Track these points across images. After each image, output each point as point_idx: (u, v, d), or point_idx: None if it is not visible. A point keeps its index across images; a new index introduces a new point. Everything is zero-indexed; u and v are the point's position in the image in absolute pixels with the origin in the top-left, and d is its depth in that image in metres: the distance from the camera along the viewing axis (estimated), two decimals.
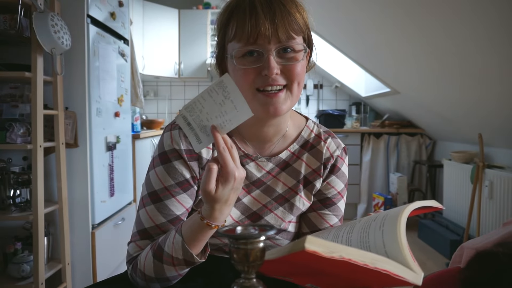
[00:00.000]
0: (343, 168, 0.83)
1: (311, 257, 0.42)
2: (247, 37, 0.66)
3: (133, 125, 2.83)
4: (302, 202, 0.81)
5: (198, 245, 0.67)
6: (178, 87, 4.53)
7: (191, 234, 0.66)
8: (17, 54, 1.84)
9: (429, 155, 3.89)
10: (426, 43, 2.20)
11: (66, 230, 1.84)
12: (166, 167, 0.74)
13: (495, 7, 1.53)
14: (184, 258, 0.66)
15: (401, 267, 0.47)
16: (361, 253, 0.44)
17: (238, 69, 0.68)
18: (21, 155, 1.89)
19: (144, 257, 0.71)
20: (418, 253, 2.88)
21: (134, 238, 0.75)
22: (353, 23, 2.68)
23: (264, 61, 0.67)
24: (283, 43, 0.67)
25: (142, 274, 0.71)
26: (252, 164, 0.79)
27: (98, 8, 2.02)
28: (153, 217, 0.73)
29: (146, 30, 3.84)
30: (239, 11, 0.67)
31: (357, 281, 0.53)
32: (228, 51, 0.71)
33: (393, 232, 0.52)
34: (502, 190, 2.40)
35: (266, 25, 0.65)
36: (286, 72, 0.69)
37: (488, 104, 2.34)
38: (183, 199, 0.74)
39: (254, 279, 0.47)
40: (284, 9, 0.67)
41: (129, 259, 0.75)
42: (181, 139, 0.75)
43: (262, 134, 0.78)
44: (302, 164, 0.81)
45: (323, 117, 3.96)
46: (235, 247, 0.46)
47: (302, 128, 0.83)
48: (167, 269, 0.68)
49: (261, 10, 0.66)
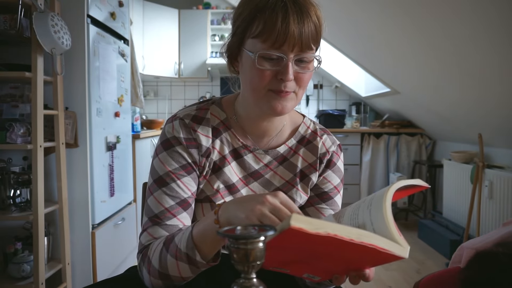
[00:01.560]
0: (338, 163, 0.86)
1: (298, 234, 0.43)
2: (274, 40, 0.67)
3: (133, 125, 2.83)
4: (299, 195, 0.83)
5: (206, 245, 0.65)
6: (178, 87, 4.53)
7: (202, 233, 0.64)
8: (17, 54, 1.84)
9: (429, 155, 3.89)
10: (425, 43, 2.20)
11: (66, 230, 1.84)
12: (169, 152, 0.76)
13: (495, 7, 1.53)
14: (186, 252, 0.65)
15: (387, 241, 0.47)
16: (347, 229, 0.45)
17: (256, 68, 0.69)
18: (21, 155, 1.89)
19: (156, 245, 0.70)
20: (418, 253, 2.88)
21: (145, 226, 0.74)
22: (353, 23, 2.68)
23: (282, 66, 0.69)
24: (303, 53, 0.70)
25: (148, 262, 0.70)
26: (250, 156, 0.82)
27: (98, 8, 2.02)
28: (161, 201, 0.74)
29: (146, 30, 3.85)
30: (269, 11, 0.67)
31: (350, 263, 0.54)
32: (247, 46, 0.71)
33: (379, 209, 0.52)
34: (502, 190, 2.40)
35: (295, 33, 0.67)
36: (298, 79, 0.72)
37: (487, 104, 2.34)
38: (188, 181, 0.76)
39: (254, 279, 0.47)
40: (311, 20, 0.68)
41: (140, 248, 0.74)
42: (181, 128, 0.77)
43: (262, 128, 0.81)
44: (298, 159, 0.84)
45: (323, 117, 3.96)
46: (235, 247, 0.46)
47: (299, 124, 0.87)
48: (170, 262, 0.67)
49: (292, 17, 0.66)
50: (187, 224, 0.74)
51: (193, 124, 0.79)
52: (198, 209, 0.80)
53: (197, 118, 0.80)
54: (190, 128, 0.78)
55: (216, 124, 0.81)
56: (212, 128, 0.80)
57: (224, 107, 0.84)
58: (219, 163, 0.80)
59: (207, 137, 0.79)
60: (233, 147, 0.81)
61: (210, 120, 0.81)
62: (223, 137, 0.81)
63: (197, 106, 0.83)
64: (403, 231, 3.43)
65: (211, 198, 0.79)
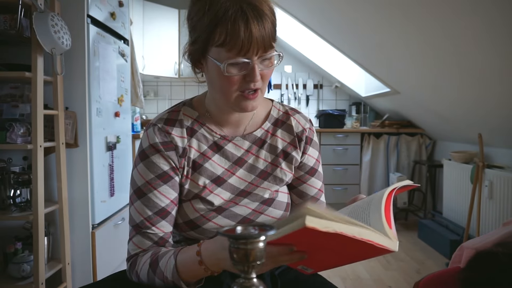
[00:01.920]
0: (314, 138, 0.93)
1: (311, 232, 0.48)
2: (239, 49, 0.70)
3: (133, 125, 2.83)
4: (284, 173, 0.88)
5: (191, 276, 0.70)
6: (178, 87, 4.54)
7: (186, 266, 0.70)
8: (17, 54, 1.84)
9: (429, 155, 3.89)
10: (425, 43, 2.20)
11: (66, 230, 1.84)
12: (146, 163, 0.79)
13: (496, 6, 1.53)
14: (172, 280, 0.70)
15: (381, 236, 0.53)
16: (350, 228, 0.51)
17: (224, 76, 0.73)
18: (21, 155, 1.89)
19: (143, 262, 0.75)
20: (418, 253, 2.88)
21: (130, 235, 0.80)
22: (353, 23, 2.68)
23: (249, 69, 0.72)
24: (266, 53, 0.74)
25: (137, 276, 0.76)
26: (230, 145, 0.85)
27: (98, 8, 2.02)
28: (141, 211, 0.78)
29: (146, 30, 3.84)
30: (231, 20, 0.69)
31: (344, 257, 0.61)
32: (212, 54, 0.73)
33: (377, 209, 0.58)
34: (502, 190, 2.40)
35: (258, 39, 0.70)
36: (263, 76, 0.76)
37: (487, 104, 2.34)
38: (165, 190, 0.79)
39: (254, 279, 0.47)
40: (268, 19, 0.71)
41: (128, 257, 0.79)
42: (156, 134, 0.80)
43: (235, 118, 0.85)
44: (277, 140, 0.89)
45: (323, 117, 3.96)
46: (235, 247, 0.46)
47: (270, 108, 0.92)
48: (158, 282, 0.73)
49: (253, 23, 0.69)
50: (166, 231, 0.79)
51: (167, 127, 0.81)
52: (188, 207, 0.82)
53: (170, 120, 0.83)
54: (164, 132, 0.81)
55: (190, 123, 0.84)
56: (186, 128, 0.83)
57: (195, 106, 0.87)
58: (198, 161, 0.82)
59: (181, 137, 0.82)
60: (212, 141, 0.84)
61: (183, 121, 0.83)
62: (199, 134, 0.84)
63: (169, 110, 0.86)
64: (403, 231, 3.43)
65: (200, 195, 0.81)
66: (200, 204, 0.81)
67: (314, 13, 2.95)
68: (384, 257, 2.76)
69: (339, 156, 3.89)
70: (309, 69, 4.55)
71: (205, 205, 0.81)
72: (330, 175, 3.87)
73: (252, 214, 0.83)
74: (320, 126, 3.98)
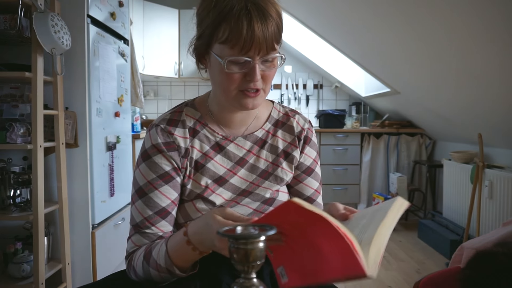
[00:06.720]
0: (313, 138, 0.94)
1: (295, 208, 0.48)
2: (241, 47, 0.71)
3: (133, 125, 2.83)
4: (285, 173, 0.89)
5: (182, 260, 0.70)
6: (178, 87, 4.54)
7: (176, 249, 0.70)
8: (17, 54, 1.84)
9: (429, 155, 3.89)
10: (426, 43, 2.20)
11: (66, 230, 1.84)
12: (148, 163, 0.80)
13: (496, 6, 1.53)
14: (166, 267, 0.70)
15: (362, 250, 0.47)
16: (334, 219, 0.49)
17: (225, 72, 0.73)
18: (21, 155, 1.89)
19: (138, 256, 0.76)
20: (418, 253, 2.88)
21: (129, 234, 0.81)
22: (353, 23, 2.68)
23: (250, 68, 0.73)
24: (268, 54, 0.74)
25: (134, 272, 0.76)
26: (232, 145, 0.86)
27: (98, 8, 2.02)
28: (141, 211, 0.79)
29: (146, 30, 3.84)
30: (235, 18, 0.70)
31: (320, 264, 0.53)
32: (215, 50, 0.74)
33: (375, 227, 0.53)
34: (502, 190, 2.40)
35: (260, 39, 0.70)
36: (264, 77, 0.76)
37: (487, 104, 2.34)
38: (166, 190, 0.79)
39: (254, 279, 0.47)
40: (273, 20, 0.72)
41: (126, 255, 0.80)
42: (158, 134, 0.81)
43: (237, 119, 0.86)
44: (278, 140, 0.90)
45: (323, 117, 3.96)
46: (235, 247, 0.46)
47: (271, 109, 0.93)
48: (153, 273, 0.73)
49: (256, 23, 0.70)
50: (166, 231, 0.79)
51: (169, 127, 0.82)
52: (190, 207, 0.82)
53: (172, 121, 0.83)
54: (167, 132, 0.81)
55: (193, 123, 0.85)
56: (188, 128, 0.84)
57: (198, 106, 0.88)
58: (200, 161, 0.83)
59: (184, 138, 0.82)
60: (214, 141, 0.85)
61: (185, 121, 0.84)
62: (201, 135, 0.84)
63: (171, 110, 0.87)
64: (403, 231, 3.43)
65: (202, 195, 0.82)
66: (202, 204, 0.81)
67: (314, 13, 2.95)
68: (384, 257, 2.76)
69: (339, 156, 3.89)
70: (309, 69, 4.55)
71: (207, 205, 0.81)
72: (330, 175, 3.87)
73: (253, 213, 0.84)
74: (320, 126, 3.99)
